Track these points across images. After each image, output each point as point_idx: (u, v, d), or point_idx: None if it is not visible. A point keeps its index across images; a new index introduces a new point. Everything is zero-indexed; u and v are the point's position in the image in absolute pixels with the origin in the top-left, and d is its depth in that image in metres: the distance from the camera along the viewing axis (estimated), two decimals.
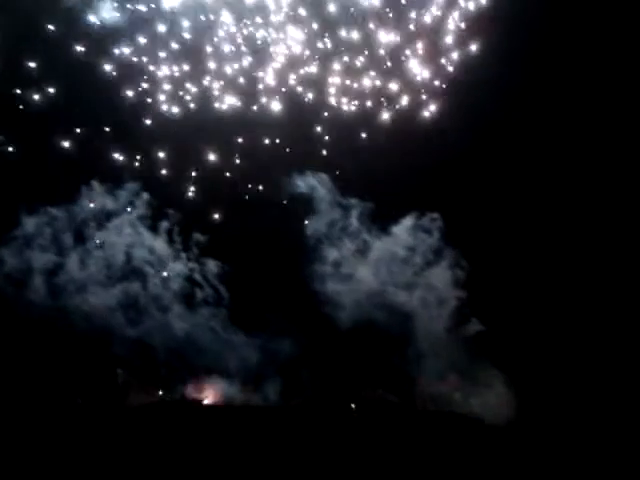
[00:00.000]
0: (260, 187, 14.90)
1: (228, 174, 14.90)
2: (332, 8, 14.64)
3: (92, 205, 13.97)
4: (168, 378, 13.53)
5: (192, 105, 14.78)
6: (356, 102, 14.99)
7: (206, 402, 13.15)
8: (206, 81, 14.83)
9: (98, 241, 14.00)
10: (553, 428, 11.60)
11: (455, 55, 14.92)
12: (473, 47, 14.79)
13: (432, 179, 14.33)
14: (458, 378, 12.72)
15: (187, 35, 14.63)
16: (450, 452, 11.04)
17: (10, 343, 13.22)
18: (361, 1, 14.68)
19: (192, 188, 14.85)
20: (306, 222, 14.07)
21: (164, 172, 14.74)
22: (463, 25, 14.73)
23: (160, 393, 13.43)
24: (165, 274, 14.06)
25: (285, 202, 14.44)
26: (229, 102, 14.86)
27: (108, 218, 14.04)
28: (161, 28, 14.49)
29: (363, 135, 14.98)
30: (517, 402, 12.21)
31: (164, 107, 14.73)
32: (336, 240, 13.97)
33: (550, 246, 13.74)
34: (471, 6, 14.68)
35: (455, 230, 13.81)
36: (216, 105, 14.83)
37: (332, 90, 14.99)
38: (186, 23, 14.56)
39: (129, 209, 14.10)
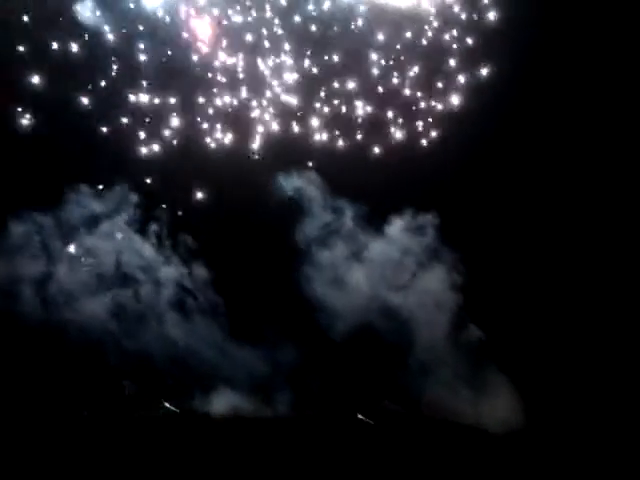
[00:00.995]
0: (252, 189, 14.74)
1: (215, 178, 14.78)
2: (326, 30, 14.61)
3: (80, 209, 13.79)
4: (174, 390, 13.61)
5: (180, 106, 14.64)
6: (348, 107, 14.94)
7: (214, 414, 13.20)
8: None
9: (90, 248, 13.90)
10: (562, 436, 11.85)
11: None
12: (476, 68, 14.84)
13: (429, 179, 14.40)
14: (462, 387, 12.89)
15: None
16: (456, 463, 11.26)
17: (7, 358, 13.18)
18: (356, 25, 14.59)
19: (181, 194, 14.73)
20: (299, 225, 14.01)
21: (153, 175, 14.63)
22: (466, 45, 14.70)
23: (167, 405, 13.50)
24: (160, 282, 14.00)
25: (278, 204, 14.38)
26: (218, 107, 14.73)
27: (98, 223, 13.90)
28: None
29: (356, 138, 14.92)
30: (525, 409, 12.46)
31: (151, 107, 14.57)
32: (332, 244, 13.97)
33: (551, 246, 13.92)
34: (474, 26, 14.70)
35: (452, 231, 13.89)
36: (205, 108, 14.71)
37: (322, 97, 14.94)
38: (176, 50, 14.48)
39: (118, 213, 13.98)
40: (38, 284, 13.34)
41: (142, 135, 14.57)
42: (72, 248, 13.92)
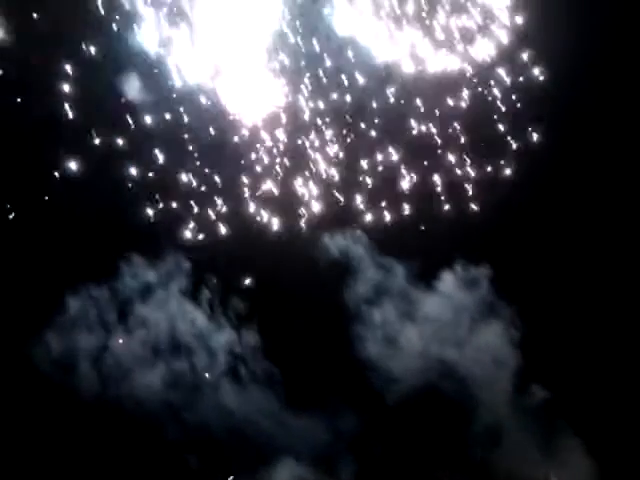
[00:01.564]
0: (301, 253, 14.63)
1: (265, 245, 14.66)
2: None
3: (133, 281, 13.91)
4: (237, 462, 13.48)
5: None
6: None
7: None
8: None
9: (145, 319, 13.98)
10: None
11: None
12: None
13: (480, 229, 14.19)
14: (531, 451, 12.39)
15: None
16: None
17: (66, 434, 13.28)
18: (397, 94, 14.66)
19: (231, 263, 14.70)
20: (349, 286, 13.80)
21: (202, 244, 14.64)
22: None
23: (231, 478, 13.38)
24: (214, 352, 13.99)
25: (327, 267, 14.19)
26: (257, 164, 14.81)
27: (151, 294, 13.98)
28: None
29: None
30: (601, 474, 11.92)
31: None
32: (384, 304, 13.76)
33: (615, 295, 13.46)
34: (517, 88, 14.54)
35: (509, 285, 13.55)
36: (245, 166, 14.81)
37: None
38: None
39: (170, 284, 14.00)
40: (93, 357, 13.55)
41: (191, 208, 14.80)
42: (126, 320, 14.10)
